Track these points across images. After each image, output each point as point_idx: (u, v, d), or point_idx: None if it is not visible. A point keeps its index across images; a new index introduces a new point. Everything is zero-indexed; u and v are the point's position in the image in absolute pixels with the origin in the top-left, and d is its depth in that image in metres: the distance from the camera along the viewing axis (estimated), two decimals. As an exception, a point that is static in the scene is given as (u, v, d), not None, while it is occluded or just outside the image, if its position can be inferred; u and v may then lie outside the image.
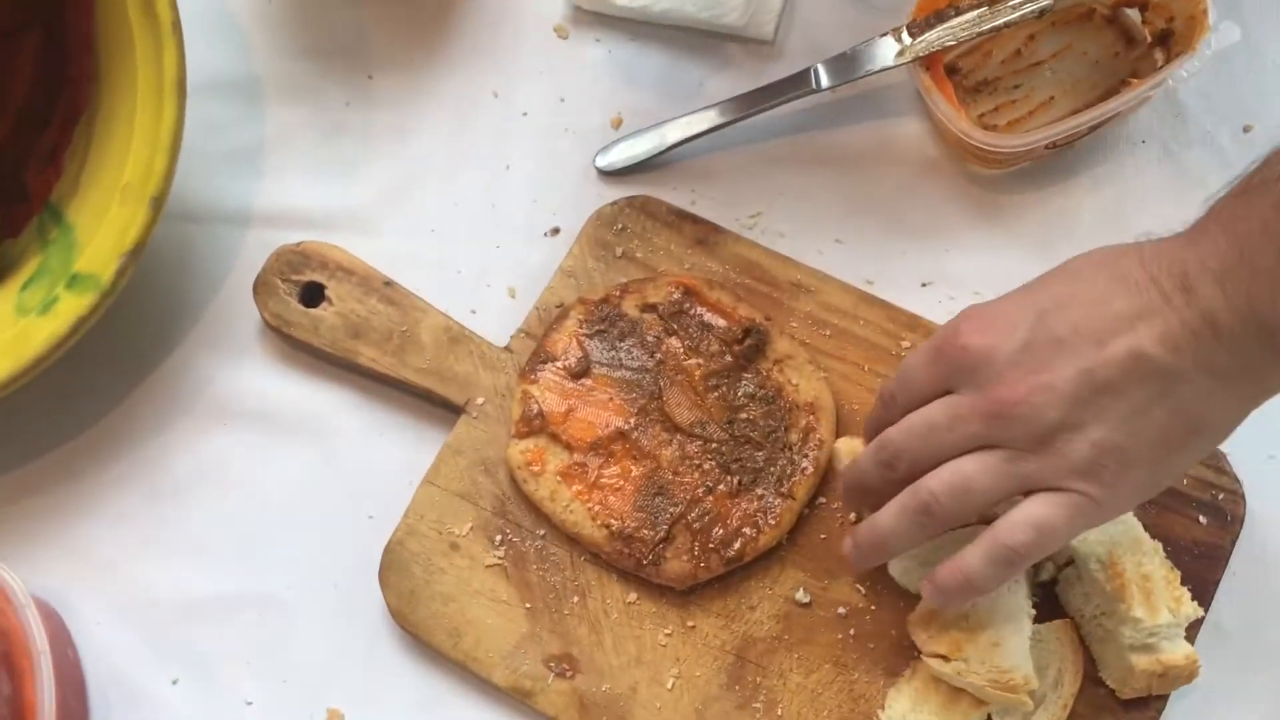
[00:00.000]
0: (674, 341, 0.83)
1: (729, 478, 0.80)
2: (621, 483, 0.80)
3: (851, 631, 0.78)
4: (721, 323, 0.83)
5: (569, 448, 0.81)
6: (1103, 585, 0.72)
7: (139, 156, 0.77)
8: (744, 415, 0.81)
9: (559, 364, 0.83)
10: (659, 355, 0.83)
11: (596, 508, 0.79)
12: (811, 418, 0.81)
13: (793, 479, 0.80)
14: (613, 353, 0.83)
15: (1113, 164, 0.88)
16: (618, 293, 0.85)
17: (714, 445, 0.81)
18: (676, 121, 0.90)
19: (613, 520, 0.79)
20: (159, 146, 0.77)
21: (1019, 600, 0.72)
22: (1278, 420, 0.81)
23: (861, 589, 0.79)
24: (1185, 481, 0.79)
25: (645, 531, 0.79)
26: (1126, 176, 0.88)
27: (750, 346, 0.83)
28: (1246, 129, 0.89)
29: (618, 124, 0.93)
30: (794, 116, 0.91)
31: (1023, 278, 0.85)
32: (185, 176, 0.84)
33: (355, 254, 0.87)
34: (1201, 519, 0.78)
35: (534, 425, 0.81)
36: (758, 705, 0.77)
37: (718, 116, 0.89)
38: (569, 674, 0.78)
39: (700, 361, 0.83)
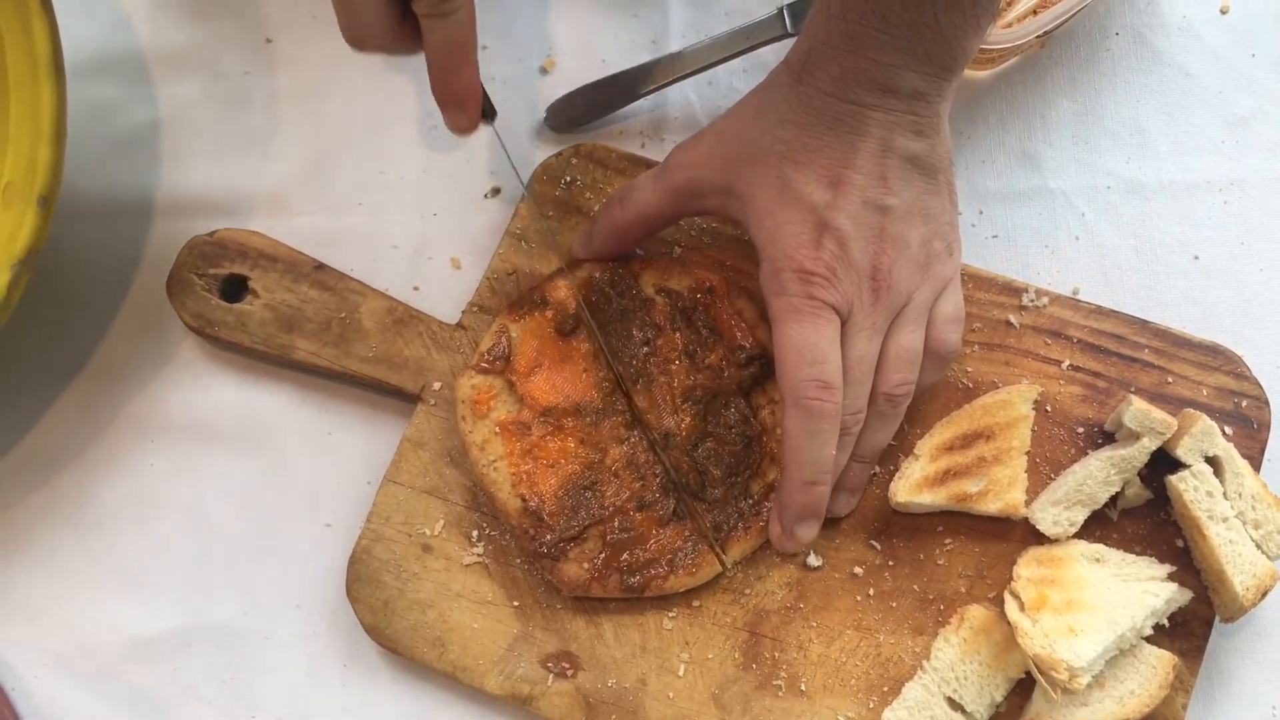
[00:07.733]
0: (675, 336, 0.75)
1: (667, 501, 0.73)
2: (558, 461, 0.73)
3: (870, 591, 0.73)
4: (736, 337, 0.75)
5: (521, 403, 0.74)
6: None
7: (19, 150, 0.71)
8: (711, 444, 0.73)
9: (549, 311, 0.75)
10: (652, 345, 0.75)
11: (521, 476, 0.72)
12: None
13: (732, 533, 0.72)
14: (606, 323, 0.75)
15: (1086, 59, 0.83)
16: (639, 265, 0.77)
17: (668, 462, 0.73)
18: (631, 71, 0.82)
19: (532, 496, 0.72)
20: (40, 137, 0.71)
21: (1135, 614, 0.68)
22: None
23: (876, 544, 0.73)
24: (1205, 393, 0.74)
25: (559, 520, 0.72)
26: (1103, 70, 0.83)
27: (751, 375, 0.75)
28: (1223, 10, 0.84)
29: (550, 67, 0.85)
30: (758, 58, 0.83)
31: (1008, 191, 0.80)
32: (75, 169, 0.78)
33: (277, 238, 0.80)
34: (1227, 430, 0.73)
35: (495, 365, 0.74)
36: (779, 682, 0.71)
37: (681, 66, 0.81)
38: (570, 673, 0.72)
39: (691, 367, 0.74)
